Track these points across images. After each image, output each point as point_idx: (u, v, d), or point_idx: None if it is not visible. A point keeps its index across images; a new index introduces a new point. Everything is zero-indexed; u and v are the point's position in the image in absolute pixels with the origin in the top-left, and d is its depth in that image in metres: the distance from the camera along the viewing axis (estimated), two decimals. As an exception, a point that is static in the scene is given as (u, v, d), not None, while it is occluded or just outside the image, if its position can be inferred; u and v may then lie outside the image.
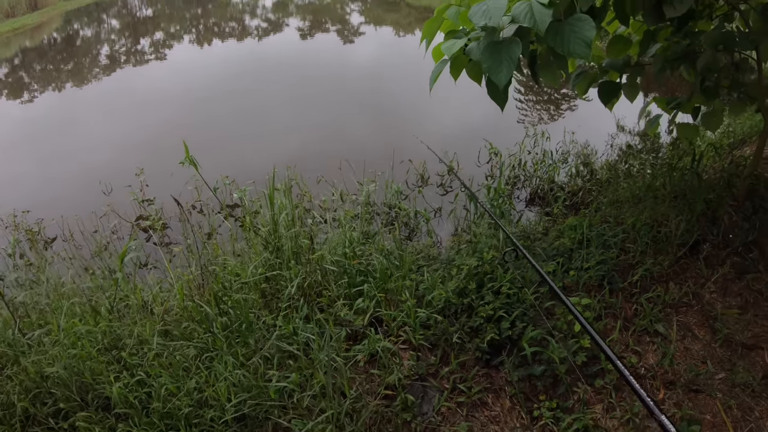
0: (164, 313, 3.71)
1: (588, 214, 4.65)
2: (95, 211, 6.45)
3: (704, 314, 3.52)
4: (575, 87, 4.11)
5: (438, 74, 3.08)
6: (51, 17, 37.91)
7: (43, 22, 35.67)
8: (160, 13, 38.59)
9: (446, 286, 3.75)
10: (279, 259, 4.10)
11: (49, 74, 18.88)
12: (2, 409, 3.23)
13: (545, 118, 10.04)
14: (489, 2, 2.69)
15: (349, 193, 6.06)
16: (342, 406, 2.97)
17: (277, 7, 38.51)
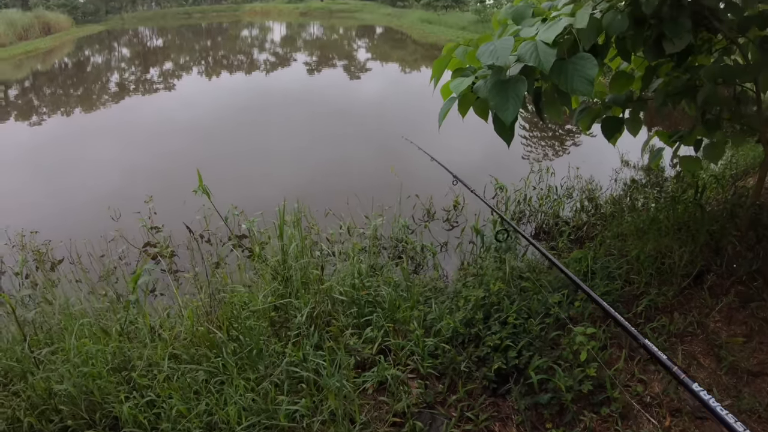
0: (173, 338, 3.76)
1: (592, 248, 4.70)
2: (103, 235, 6.54)
3: (709, 343, 3.56)
4: (579, 123, 4.20)
5: (447, 111, 3.17)
6: (63, 42, 38.59)
7: (56, 46, 36.34)
8: (170, 44, 39.27)
9: (454, 317, 3.80)
10: (288, 289, 4.16)
11: (59, 98, 19.24)
12: (8, 424, 3.26)
13: (550, 154, 10.15)
14: (496, 42, 2.81)
15: (356, 226, 6.13)
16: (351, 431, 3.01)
17: (285, 41, 39.15)
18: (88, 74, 25.60)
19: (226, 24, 52.69)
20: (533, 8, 3.42)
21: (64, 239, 6.44)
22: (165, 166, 10.13)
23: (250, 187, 8.14)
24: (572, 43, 3.06)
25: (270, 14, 60.73)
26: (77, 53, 35.32)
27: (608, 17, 3.06)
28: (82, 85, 22.24)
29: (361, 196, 6.68)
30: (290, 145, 11.19)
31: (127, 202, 7.50)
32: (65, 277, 5.70)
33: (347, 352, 3.57)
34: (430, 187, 7.23)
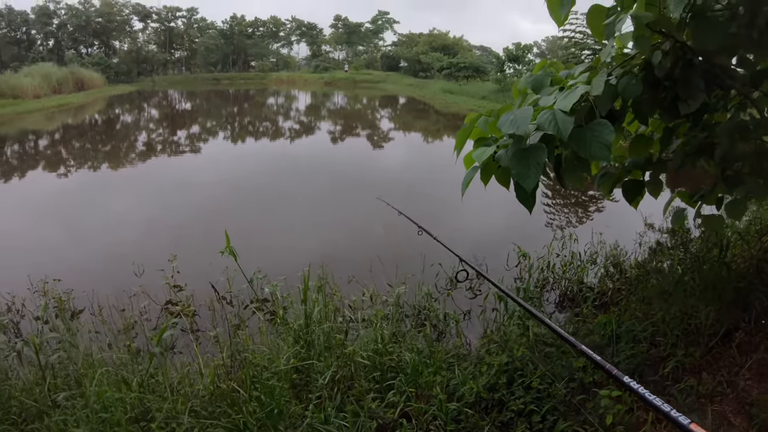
0: (193, 394, 3.77)
1: (617, 312, 4.66)
2: (126, 290, 6.59)
3: (740, 402, 3.48)
4: (600, 187, 4.21)
5: (469, 180, 3.22)
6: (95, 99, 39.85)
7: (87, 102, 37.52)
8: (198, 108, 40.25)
9: (477, 382, 3.76)
10: (310, 352, 4.16)
11: (87, 152, 19.75)
12: None
13: (573, 221, 10.15)
14: (516, 112, 2.87)
15: (379, 293, 6.12)
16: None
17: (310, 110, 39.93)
18: (117, 131, 26.34)
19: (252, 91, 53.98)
20: (551, 77, 3.49)
21: (86, 290, 6.50)
22: (188, 226, 10.32)
23: (273, 251, 8.22)
24: (589, 109, 3.12)
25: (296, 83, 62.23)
26: (108, 110, 36.38)
27: (623, 83, 3.11)
28: (111, 141, 22.89)
29: (384, 263, 6.69)
30: (314, 211, 11.32)
31: (151, 259, 7.61)
32: (85, 327, 5.73)
33: (369, 416, 3.54)
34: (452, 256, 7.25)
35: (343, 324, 5.01)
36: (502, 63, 41.93)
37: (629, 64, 3.31)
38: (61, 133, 25.59)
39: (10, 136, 23.27)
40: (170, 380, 3.96)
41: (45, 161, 18.24)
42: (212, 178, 15.37)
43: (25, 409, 3.72)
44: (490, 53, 63.02)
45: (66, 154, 19.75)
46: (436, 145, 23.00)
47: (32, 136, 23.82)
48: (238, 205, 11.96)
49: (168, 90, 55.72)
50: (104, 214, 11.45)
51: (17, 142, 22.24)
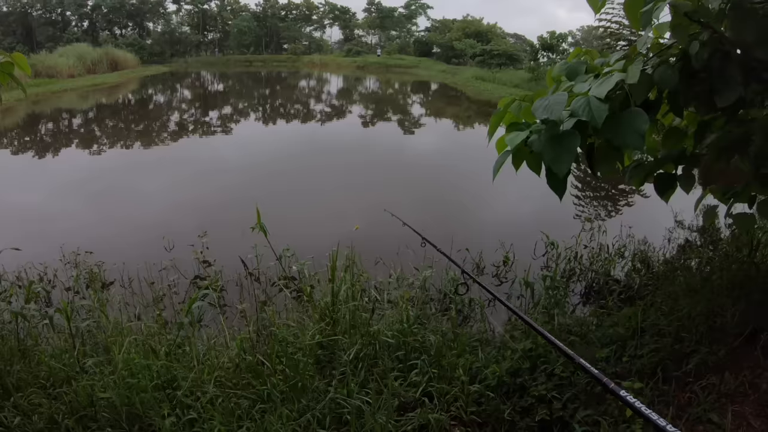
0: (218, 365, 3.84)
1: (643, 306, 4.64)
2: (156, 263, 6.75)
3: (761, 404, 3.46)
4: (631, 179, 4.17)
5: (501, 165, 3.22)
6: (129, 79, 40.35)
7: (121, 82, 38.03)
8: (230, 89, 40.52)
9: (500, 366, 3.79)
10: (335, 329, 4.21)
11: (120, 131, 20.04)
12: (45, 424, 3.36)
13: (602, 214, 10.09)
14: (550, 98, 2.87)
15: (406, 276, 6.15)
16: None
17: (342, 94, 39.95)
18: (150, 111, 26.64)
19: (285, 73, 54.11)
20: (586, 65, 3.48)
21: (117, 263, 6.64)
22: (219, 204, 10.45)
23: (302, 231, 8.26)
24: (624, 98, 3.10)
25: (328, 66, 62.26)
26: (141, 91, 36.79)
27: (659, 72, 3.09)
28: (144, 121, 23.17)
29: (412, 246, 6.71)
30: (343, 194, 11.37)
31: (181, 235, 7.74)
32: (115, 298, 5.86)
33: (392, 393, 3.58)
34: (480, 243, 7.26)
35: (369, 304, 5.06)
36: (536, 51, 41.54)
37: (666, 53, 3.28)
38: (95, 112, 25.96)
39: (45, 115, 23.66)
40: (197, 351, 4.05)
41: (79, 139, 18.54)
42: (244, 158, 15.53)
43: (54, 373, 3.82)
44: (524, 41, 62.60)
45: (99, 133, 20.05)
46: (466, 132, 22.91)
47: (66, 115, 24.19)
48: (269, 185, 12.09)
49: (200, 71, 56.09)
50: (136, 191, 11.67)
51: (52, 120, 22.59)
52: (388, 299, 5.36)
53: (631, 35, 29.49)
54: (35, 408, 3.47)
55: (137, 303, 5.78)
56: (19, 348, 4.16)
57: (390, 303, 5.27)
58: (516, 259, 6.99)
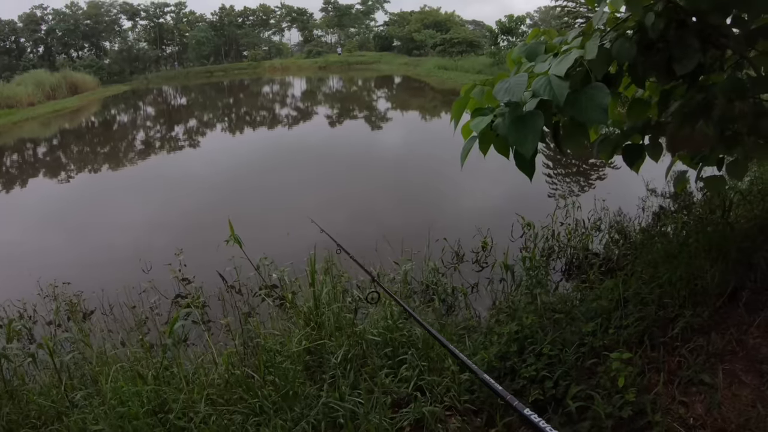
0: (208, 384, 3.82)
1: (624, 276, 4.67)
2: (135, 287, 6.65)
3: (750, 359, 3.50)
4: (600, 153, 4.20)
5: (468, 150, 3.22)
6: (90, 102, 39.83)
7: (82, 105, 37.51)
8: (194, 102, 40.22)
9: (488, 352, 3.80)
10: (321, 333, 4.20)
11: (86, 156, 19.84)
12: None
13: (576, 190, 10.15)
14: (511, 80, 2.88)
15: (387, 272, 6.14)
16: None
17: (306, 95, 39.84)
18: (115, 132, 26.39)
19: (247, 81, 53.85)
20: (545, 45, 3.49)
21: (96, 290, 6.55)
22: (192, 220, 10.36)
23: (278, 238, 8.22)
24: (585, 74, 3.12)
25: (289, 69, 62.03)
26: (103, 112, 36.42)
27: (617, 46, 3.11)
28: (109, 143, 22.94)
29: (390, 241, 6.70)
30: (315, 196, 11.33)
31: (157, 255, 7.65)
32: (97, 326, 5.81)
33: (383, 391, 3.57)
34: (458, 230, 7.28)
35: (353, 304, 5.05)
36: (495, 36, 41.70)
37: (622, 27, 3.31)
38: (58, 139, 25.63)
39: (7, 146, 23.30)
40: (185, 371, 4.02)
41: (45, 168, 18.29)
42: (212, 171, 15.42)
43: (44, 411, 3.78)
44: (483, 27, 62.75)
45: (65, 159, 19.83)
46: (433, 123, 22.96)
47: (30, 144, 23.84)
48: (240, 196, 12.00)
49: (162, 86, 55.60)
50: (108, 214, 11.51)
51: (15, 152, 22.27)
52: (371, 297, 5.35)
53: (588, 12, 29.74)
54: (28, 449, 3.42)
55: (120, 329, 5.70)
56: (6, 390, 4.11)
57: (374, 300, 5.27)
58: (495, 243, 7.01)
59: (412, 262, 5.92)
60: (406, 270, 5.67)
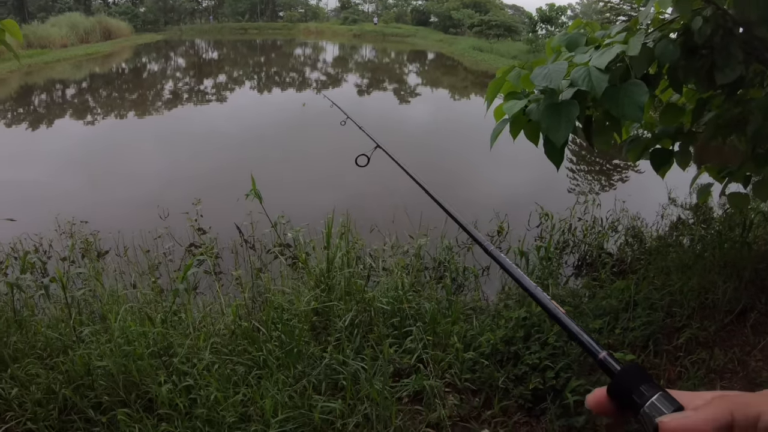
0: (214, 332, 3.88)
1: (636, 279, 4.68)
2: (151, 232, 6.73)
3: (749, 381, 3.52)
4: (628, 153, 4.18)
5: (499, 132, 3.22)
6: (122, 48, 39.83)
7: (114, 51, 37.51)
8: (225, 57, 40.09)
9: (494, 334, 3.83)
10: (330, 296, 4.25)
11: (114, 101, 19.82)
12: (43, 394, 3.39)
13: (596, 188, 10.11)
14: (550, 66, 2.87)
15: (401, 243, 6.18)
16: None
17: (337, 62, 39.59)
18: (144, 80, 26.39)
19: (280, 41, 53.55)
20: (587, 36, 3.46)
21: (112, 232, 6.63)
22: (214, 173, 10.41)
23: (297, 199, 8.26)
24: (624, 70, 3.11)
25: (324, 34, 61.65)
26: (135, 59, 36.40)
27: (660, 46, 3.09)
28: (138, 90, 22.92)
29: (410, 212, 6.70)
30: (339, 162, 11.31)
31: (176, 203, 7.72)
32: (110, 266, 5.89)
33: (387, 360, 3.62)
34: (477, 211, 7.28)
35: (364, 271, 5.09)
36: (534, 23, 41.20)
37: (668, 28, 3.28)
38: (88, 82, 25.64)
39: (38, 86, 23.38)
40: (193, 318, 4.09)
41: (72, 109, 18.36)
42: (238, 126, 15.42)
43: (50, 343, 3.85)
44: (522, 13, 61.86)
45: (93, 103, 19.85)
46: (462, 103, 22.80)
47: (59, 85, 23.90)
48: (263, 153, 12.03)
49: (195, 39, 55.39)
50: (131, 160, 11.60)
51: (46, 91, 22.36)
52: (383, 266, 5.39)
53: (631, 11, 29.38)
54: (32, 378, 3.50)
55: (133, 271, 5.79)
56: (16, 319, 4.19)
57: (385, 270, 5.32)
58: (511, 229, 7.01)
59: (428, 237, 5.93)
60: (420, 244, 5.70)
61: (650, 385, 0.61)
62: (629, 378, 0.62)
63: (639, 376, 0.61)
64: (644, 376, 0.61)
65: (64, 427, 3.30)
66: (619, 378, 0.64)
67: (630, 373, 0.63)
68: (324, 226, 4.86)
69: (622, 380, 0.63)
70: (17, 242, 6.35)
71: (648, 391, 0.61)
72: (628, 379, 0.62)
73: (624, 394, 0.62)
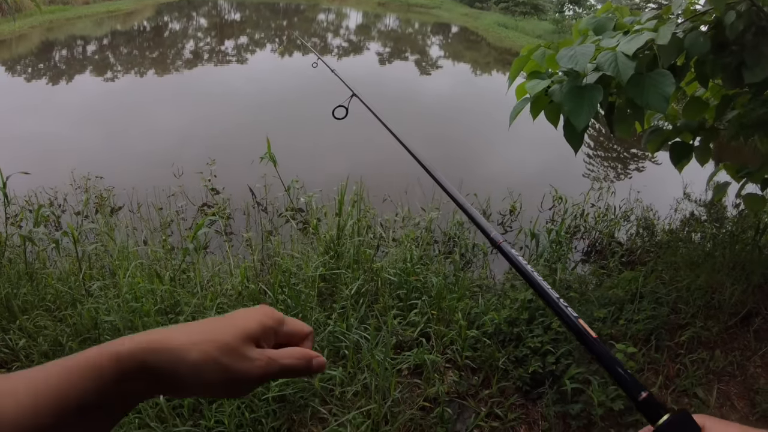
0: (221, 292, 3.92)
1: (644, 272, 4.67)
2: (165, 189, 6.81)
3: (746, 386, 3.53)
4: (647, 144, 4.14)
5: (519, 111, 3.19)
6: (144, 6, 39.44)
7: (137, 9, 37.16)
8: (247, 19, 39.78)
9: (499, 314, 3.84)
10: (338, 263, 4.27)
11: (134, 59, 19.70)
12: (50, 346, 3.44)
13: (611, 176, 10.05)
14: (576, 48, 2.83)
15: (413, 215, 6.18)
16: (383, 406, 3.08)
17: (360, 30, 39.27)
18: (165, 39, 26.26)
19: (303, 5, 53.06)
20: (615, 21, 3.41)
21: (126, 188, 6.70)
22: (229, 133, 10.40)
23: (311, 164, 8.26)
24: (651, 59, 3.07)
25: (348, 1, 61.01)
26: (156, 18, 36.14)
27: (690, 38, 3.03)
28: (158, 48, 22.82)
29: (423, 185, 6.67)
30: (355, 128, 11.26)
31: (191, 162, 7.75)
32: (123, 222, 5.93)
33: (390, 331, 3.64)
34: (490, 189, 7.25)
35: (374, 240, 5.10)
36: (561, 3, 40.74)
37: (699, 19, 3.23)
38: (109, 39, 25.54)
39: (59, 42, 23.27)
40: (201, 277, 4.12)
41: (92, 66, 18.30)
42: (257, 89, 15.33)
43: (60, 296, 3.91)
44: (550, -9, 61.15)
45: (113, 60, 19.79)
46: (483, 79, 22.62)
47: (80, 42, 23.80)
48: (280, 117, 11.97)
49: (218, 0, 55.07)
50: (148, 118, 11.63)
51: (66, 47, 22.28)
52: (392, 237, 5.40)
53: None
54: (40, 330, 3.56)
55: (144, 228, 5.86)
56: (27, 271, 4.25)
57: (395, 241, 5.33)
58: (523, 209, 7.00)
59: (439, 211, 5.94)
60: (431, 218, 5.70)
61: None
62: None
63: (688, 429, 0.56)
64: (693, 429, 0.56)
65: (69, 378, 3.35)
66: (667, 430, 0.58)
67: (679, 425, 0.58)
68: (336, 192, 4.87)
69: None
70: (32, 195, 6.42)
71: None
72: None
73: None
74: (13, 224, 5.44)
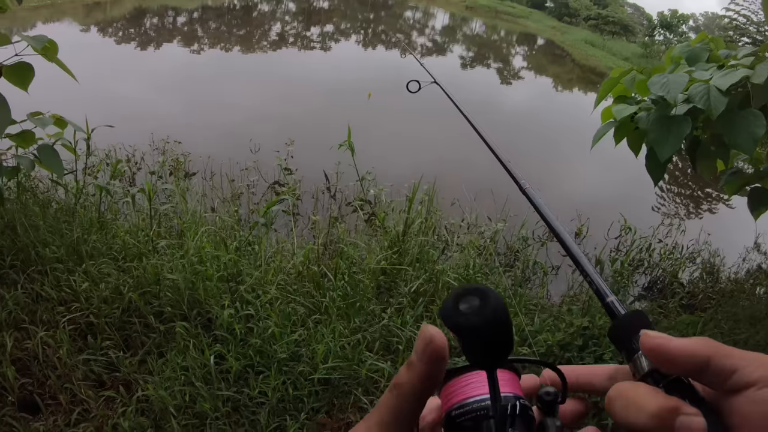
0: (283, 270, 4.00)
1: (703, 318, 4.56)
2: (239, 163, 6.99)
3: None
4: (725, 185, 4.00)
5: (602, 135, 3.14)
6: (237, -16, 40.08)
7: (229, -14, 37.77)
8: (336, 8, 40.07)
9: (553, 336, 3.81)
10: (401, 260, 4.30)
11: (222, 34, 20.06)
12: (110, 293, 3.57)
13: (681, 213, 9.82)
14: (669, 76, 2.76)
15: (478, 224, 6.17)
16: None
17: (446, 31, 39.16)
18: (253, 19, 26.73)
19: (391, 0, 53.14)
20: (710, 53, 3.34)
21: (203, 156, 6.89)
22: (309, 117, 10.53)
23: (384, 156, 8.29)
24: (744, 97, 2.97)
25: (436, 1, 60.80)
26: (248, -3, 36.71)
27: (789, 79, 2.96)
28: (246, 27, 23.27)
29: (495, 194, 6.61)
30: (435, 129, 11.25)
31: (268, 140, 7.94)
32: (195, 188, 6.11)
33: (445, 334, 3.65)
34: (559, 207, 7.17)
35: (439, 242, 5.11)
36: (653, 27, 39.90)
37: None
38: (199, 13, 26.14)
39: (150, 10, 23.97)
40: (265, 252, 4.20)
41: (181, 36, 18.80)
42: (338, 77, 15.48)
43: (127, 248, 4.04)
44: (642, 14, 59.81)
45: (201, 33, 20.30)
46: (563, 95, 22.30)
47: (172, 12, 24.46)
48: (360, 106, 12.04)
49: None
50: (230, 92, 11.86)
51: (157, 16, 22.94)
52: (456, 242, 5.40)
53: (756, 33, 28.03)
54: (104, 277, 3.68)
55: (215, 196, 6.03)
56: (99, 220, 4.41)
57: (458, 246, 5.32)
58: (589, 234, 6.91)
59: (506, 223, 5.91)
60: (497, 229, 5.68)
61: None
62: (630, 323, 0.58)
63: (641, 323, 0.57)
64: (646, 323, 0.57)
65: (123, 326, 3.48)
66: (619, 322, 0.60)
67: (632, 318, 0.59)
68: (407, 189, 4.90)
69: (623, 324, 0.59)
70: (111, 150, 6.61)
71: None
72: (629, 324, 0.58)
73: (624, 338, 0.58)
74: (90, 174, 5.62)
